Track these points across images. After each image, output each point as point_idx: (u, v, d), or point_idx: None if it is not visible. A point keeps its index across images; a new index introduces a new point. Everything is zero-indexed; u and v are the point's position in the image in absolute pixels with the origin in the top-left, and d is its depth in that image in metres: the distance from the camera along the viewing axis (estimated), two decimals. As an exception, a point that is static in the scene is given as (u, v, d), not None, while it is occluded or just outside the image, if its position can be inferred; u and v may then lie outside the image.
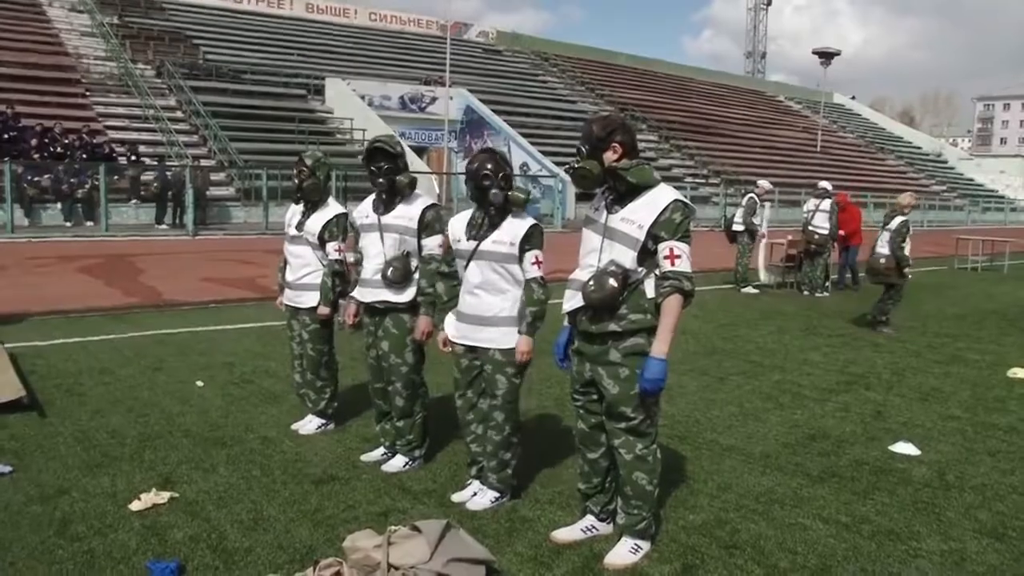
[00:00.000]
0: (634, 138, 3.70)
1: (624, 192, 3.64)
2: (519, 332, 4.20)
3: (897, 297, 10.30)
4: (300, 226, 5.42)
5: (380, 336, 4.83)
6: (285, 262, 5.62)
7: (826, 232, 13.68)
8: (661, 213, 3.55)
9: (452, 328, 4.40)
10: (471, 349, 4.35)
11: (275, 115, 29.64)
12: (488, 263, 4.18)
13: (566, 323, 3.94)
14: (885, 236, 10.12)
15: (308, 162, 5.35)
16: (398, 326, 4.77)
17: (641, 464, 3.77)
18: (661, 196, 3.60)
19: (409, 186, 4.73)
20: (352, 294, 5.08)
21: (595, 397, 3.85)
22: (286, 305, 5.64)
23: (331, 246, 5.34)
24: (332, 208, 5.42)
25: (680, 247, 3.55)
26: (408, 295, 4.72)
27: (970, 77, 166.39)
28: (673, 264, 3.54)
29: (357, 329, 5.09)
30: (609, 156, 3.61)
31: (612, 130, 3.64)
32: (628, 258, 3.59)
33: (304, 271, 5.43)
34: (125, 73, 29.35)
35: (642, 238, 3.56)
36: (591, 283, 3.60)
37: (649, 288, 3.61)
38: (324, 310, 5.37)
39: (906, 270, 10.05)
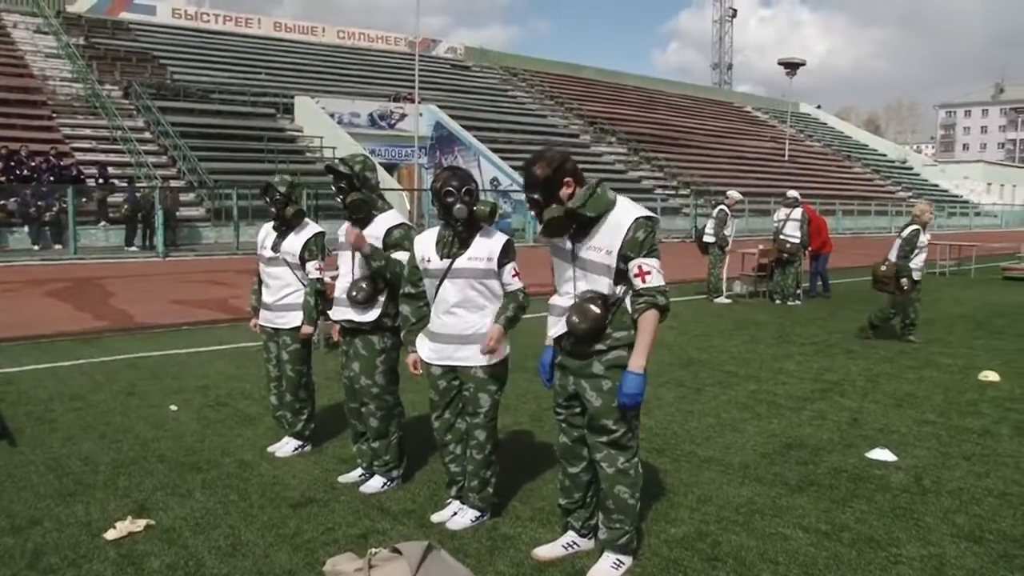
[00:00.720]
0: (575, 163, 3.65)
1: (585, 222, 3.61)
2: (494, 321, 4.18)
3: (902, 307, 10.03)
4: (276, 247, 5.38)
5: (351, 357, 4.81)
6: (260, 283, 5.58)
7: (797, 241, 13.80)
8: (626, 234, 3.53)
9: (426, 350, 4.35)
10: (450, 369, 4.32)
11: (244, 134, 29.52)
12: (466, 280, 4.16)
13: (549, 343, 3.93)
14: (896, 244, 10.09)
15: (282, 189, 5.29)
16: (367, 347, 4.75)
17: (623, 478, 3.76)
18: (623, 217, 3.57)
19: (360, 206, 4.67)
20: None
21: (577, 410, 3.84)
22: (262, 327, 5.59)
23: (311, 265, 5.33)
24: (310, 228, 5.40)
25: (648, 263, 3.54)
26: (372, 315, 4.69)
27: (932, 85, 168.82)
28: (644, 281, 3.54)
29: (334, 348, 5.06)
30: (564, 192, 3.58)
31: (557, 166, 3.58)
32: (604, 284, 3.60)
33: (284, 292, 5.40)
34: (92, 94, 29.16)
35: (613, 264, 3.56)
36: (574, 316, 3.60)
37: (630, 304, 3.62)
38: (307, 329, 5.35)
39: (903, 281, 9.87)
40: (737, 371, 8.19)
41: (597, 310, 3.56)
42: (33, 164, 22.11)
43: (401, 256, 4.57)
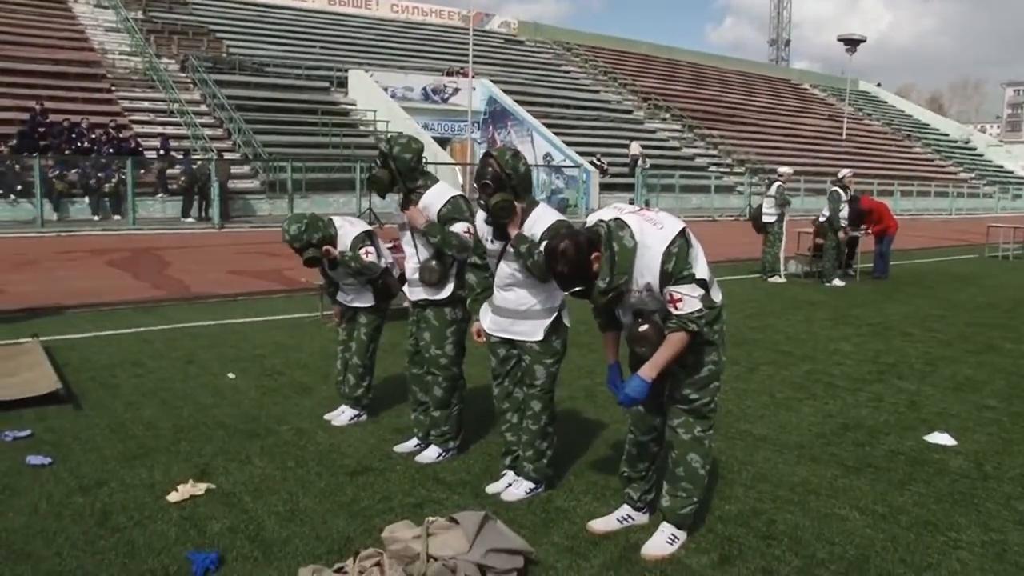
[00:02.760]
0: (586, 236, 3.49)
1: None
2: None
3: None
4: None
5: (422, 327, 4.85)
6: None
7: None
8: (660, 271, 3.45)
9: (488, 321, 4.40)
10: (508, 341, 4.35)
11: (298, 108, 29.70)
12: (517, 262, 4.18)
13: (609, 360, 3.94)
14: None
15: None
16: (439, 318, 4.78)
17: (698, 446, 3.76)
18: (652, 258, 3.44)
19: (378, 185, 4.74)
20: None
21: (655, 379, 3.82)
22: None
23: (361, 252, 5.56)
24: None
25: (680, 290, 3.45)
26: (446, 292, 4.73)
27: (999, 63, 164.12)
28: (677, 308, 3.47)
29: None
30: (595, 268, 3.47)
31: (577, 251, 3.43)
32: (659, 311, 3.60)
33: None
34: (150, 68, 29.54)
35: (659, 294, 3.51)
36: (637, 347, 3.64)
37: None
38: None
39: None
40: (792, 351, 8.10)
41: (653, 330, 3.57)
42: (93, 136, 22.52)
43: (457, 228, 4.57)
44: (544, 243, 3.84)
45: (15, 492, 4.31)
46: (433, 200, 4.64)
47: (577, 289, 3.54)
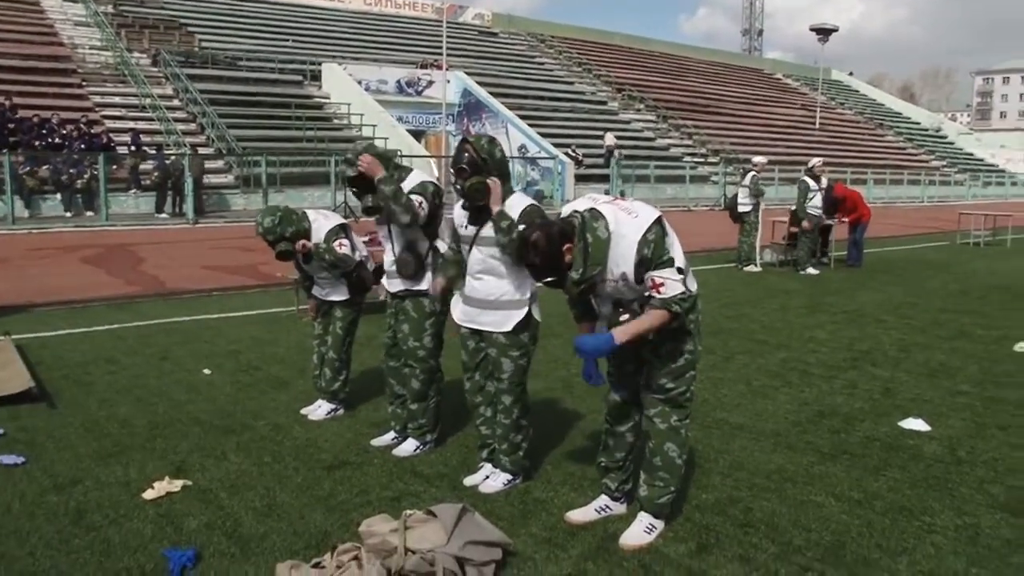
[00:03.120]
0: (558, 226, 3.49)
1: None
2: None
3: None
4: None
5: (400, 319, 4.84)
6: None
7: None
8: (635, 260, 3.43)
9: (458, 311, 4.41)
10: (476, 332, 4.35)
11: (272, 101, 29.55)
12: (489, 248, 4.18)
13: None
14: None
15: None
16: (417, 309, 4.76)
17: (674, 436, 3.77)
18: (627, 248, 3.44)
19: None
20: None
21: (630, 369, 3.84)
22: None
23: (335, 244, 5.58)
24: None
25: (661, 274, 3.44)
26: (424, 283, 4.72)
27: (970, 52, 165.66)
28: (660, 292, 3.44)
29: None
30: (568, 259, 3.47)
31: (548, 242, 3.44)
32: (637, 300, 3.57)
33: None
34: (121, 62, 29.25)
35: (633, 285, 3.49)
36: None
37: None
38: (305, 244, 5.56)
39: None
40: (767, 339, 8.15)
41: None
42: (64, 132, 22.27)
43: (413, 196, 4.54)
44: (518, 230, 3.83)
45: (-13, 492, 4.26)
46: (405, 186, 4.65)
47: (549, 280, 3.54)
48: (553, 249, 3.44)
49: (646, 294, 3.50)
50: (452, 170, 4.26)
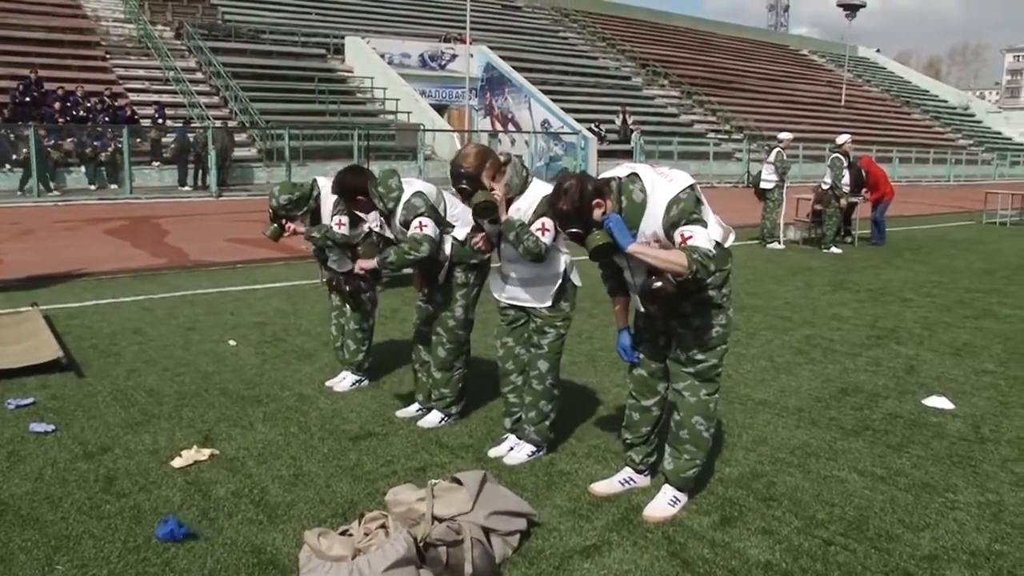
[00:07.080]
0: (594, 181, 3.52)
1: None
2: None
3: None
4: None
5: (433, 288, 4.85)
6: None
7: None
8: (664, 218, 3.42)
9: (498, 290, 4.44)
10: (519, 307, 4.40)
11: (295, 75, 29.53)
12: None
13: (619, 325, 3.91)
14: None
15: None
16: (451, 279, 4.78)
17: (703, 409, 3.77)
18: (657, 205, 3.44)
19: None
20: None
21: (661, 343, 3.84)
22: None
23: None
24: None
25: (690, 229, 3.39)
26: (443, 254, 4.72)
27: (1000, 27, 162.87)
28: (686, 243, 3.37)
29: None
30: (598, 214, 3.48)
31: (581, 192, 3.46)
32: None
33: None
34: (144, 35, 29.28)
35: (666, 239, 3.46)
36: (650, 304, 3.54)
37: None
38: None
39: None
40: (791, 316, 8.13)
41: (670, 288, 3.40)
42: (88, 105, 22.37)
43: (411, 231, 4.51)
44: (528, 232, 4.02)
45: (20, 459, 4.34)
46: (397, 215, 4.65)
47: (573, 230, 3.55)
48: (584, 201, 3.47)
49: (678, 244, 3.41)
50: (454, 190, 4.28)
